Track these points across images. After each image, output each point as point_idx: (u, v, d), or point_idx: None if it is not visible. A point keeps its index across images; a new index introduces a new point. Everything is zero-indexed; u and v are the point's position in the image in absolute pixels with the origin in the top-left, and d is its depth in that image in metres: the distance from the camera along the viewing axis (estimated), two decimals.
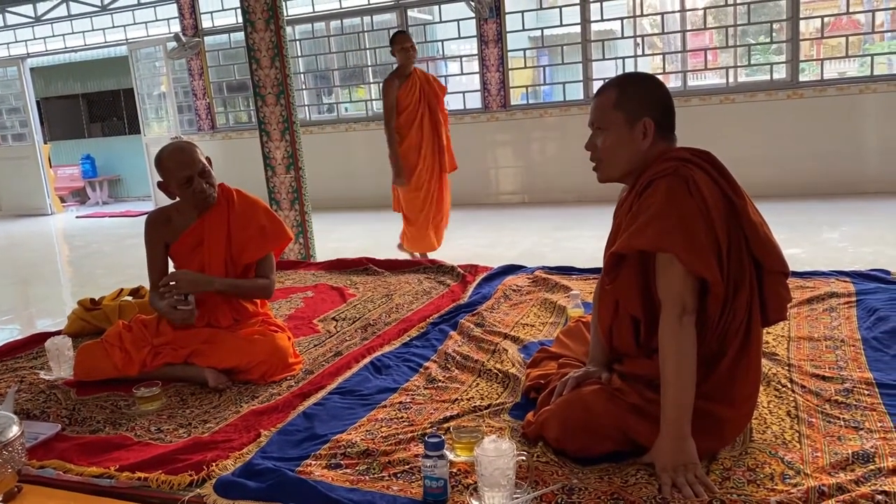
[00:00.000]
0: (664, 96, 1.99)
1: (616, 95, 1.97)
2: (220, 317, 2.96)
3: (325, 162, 8.61)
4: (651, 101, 1.97)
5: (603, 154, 2.01)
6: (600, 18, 7.84)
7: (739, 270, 1.89)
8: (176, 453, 2.16)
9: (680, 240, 1.81)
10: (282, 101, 5.19)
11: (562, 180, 7.87)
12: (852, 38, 7.45)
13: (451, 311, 3.48)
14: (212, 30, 9.67)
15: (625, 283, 1.97)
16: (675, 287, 1.83)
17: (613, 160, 2.01)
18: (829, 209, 6.18)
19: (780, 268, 1.93)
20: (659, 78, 2.07)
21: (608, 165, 2.02)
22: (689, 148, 1.98)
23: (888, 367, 2.45)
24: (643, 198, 1.91)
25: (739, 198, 1.91)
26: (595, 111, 2.02)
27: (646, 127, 1.94)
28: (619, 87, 1.98)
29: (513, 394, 2.46)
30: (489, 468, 1.73)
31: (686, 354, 1.82)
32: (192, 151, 2.85)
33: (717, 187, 1.90)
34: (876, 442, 1.94)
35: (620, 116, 1.96)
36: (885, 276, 3.50)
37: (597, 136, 2.02)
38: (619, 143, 1.98)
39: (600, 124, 2.01)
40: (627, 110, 1.95)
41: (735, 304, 1.89)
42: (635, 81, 2.04)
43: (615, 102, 1.97)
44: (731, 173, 1.95)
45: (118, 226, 9.06)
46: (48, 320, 4.66)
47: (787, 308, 2.03)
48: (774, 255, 1.92)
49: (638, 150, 1.97)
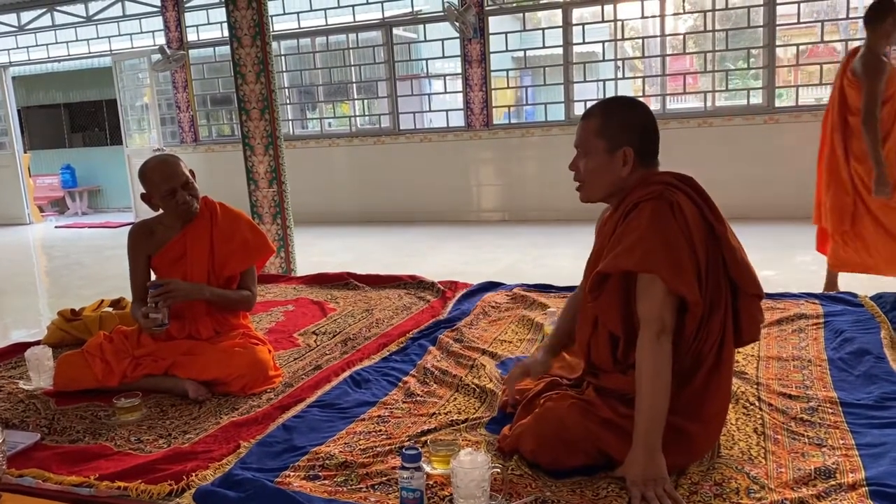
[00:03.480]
0: (647, 123, 2.05)
1: (599, 123, 2.04)
2: (202, 328, 2.98)
3: (308, 176, 8.66)
4: (633, 129, 2.03)
5: (585, 177, 2.09)
6: (582, 41, 7.98)
7: (716, 292, 1.96)
8: (156, 463, 2.18)
9: (664, 261, 1.87)
10: (266, 116, 5.24)
11: (542, 199, 7.98)
12: (828, 65, 7.63)
13: (431, 327, 3.52)
14: (197, 43, 9.71)
15: (606, 302, 2.03)
16: (656, 306, 1.89)
17: (594, 184, 2.09)
18: (803, 232, 6.29)
19: (755, 291, 2.01)
20: (644, 104, 2.14)
21: (589, 188, 2.10)
22: (673, 172, 2.05)
23: (852, 387, 2.53)
24: (628, 220, 1.98)
25: (720, 223, 1.99)
26: (579, 134, 2.09)
27: (626, 155, 2.02)
28: (602, 115, 2.05)
29: (489, 408, 2.51)
30: (465, 480, 1.77)
31: (661, 371, 1.88)
32: (176, 164, 2.88)
33: (699, 211, 1.97)
34: (838, 458, 2.01)
35: (602, 144, 2.03)
36: (853, 300, 3.60)
37: (580, 159, 2.09)
38: (600, 169, 2.05)
39: (583, 149, 2.08)
40: (608, 138, 2.02)
41: (710, 324, 1.96)
42: (619, 109, 2.08)
43: (597, 130, 2.04)
44: (710, 198, 2.03)
45: (98, 237, 9.02)
46: (24, 331, 4.65)
47: (760, 329, 2.11)
48: (750, 278, 2.00)
49: (618, 177, 2.04)
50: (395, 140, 8.70)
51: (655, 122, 2.08)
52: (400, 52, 8.90)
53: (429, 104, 8.90)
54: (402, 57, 9.04)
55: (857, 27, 8.68)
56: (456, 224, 8.06)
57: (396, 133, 8.74)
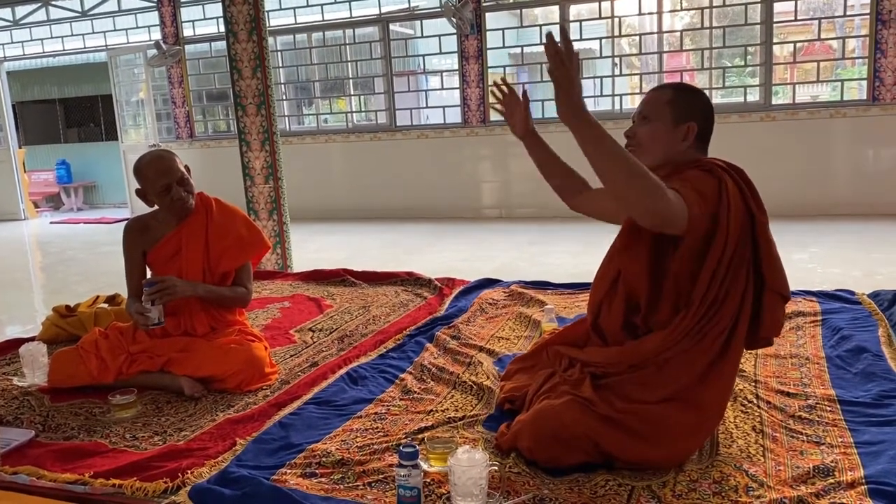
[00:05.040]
0: (710, 110, 2.14)
1: (671, 95, 2.13)
2: (197, 325, 2.97)
3: (305, 173, 8.64)
4: (699, 110, 2.12)
5: (643, 139, 2.13)
6: (579, 38, 7.97)
7: (734, 282, 1.98)
8: (151, 460, 2.17)
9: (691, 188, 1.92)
10: (262, 112, 5.22)
11: (539, 196, 7.88)
12: (824, 63, 7.64)
13: (428, 324, 3.51)
14: (193, 38, 9.67)
15: (634, 257, 2.06)
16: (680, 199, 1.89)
17: (651, 149, 2.12)
18: (799, 230, 6.31)
19: (782, 290, 2.05)
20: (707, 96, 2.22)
21: (644, 152, 2.11)
22: (723, 160, 2.09)
23: (850, 385, 2.53)
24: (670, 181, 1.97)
25: (762, 213, 2.03)
26: (647, 104, 2.15)
27: (689, 130, 2.08)
28: (674, 90, 2.17)
29: (487, 406, 2.50)
30: (462, 478, 1.76)
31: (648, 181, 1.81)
32: (171, 160, 2.87)
33: (743, 199, 2.00)
34: (836, 456, 2.01)
35: (669, 113, 2.10)
36: (850, 297, 3.60)
37: (640, 125, 2.14)
38: (661, 136, 2.11)
39: (649, 115, 2.13)
40: (677, 109, 2.10)
41: (722, 309, 1.98)
42: (690, 90, 2.21)
43: (669, 100, 2.11)
44: (757, 190, 2.05)
45: (93, 232, 8.98)
46: (18, 327, 4.62)
47: (780, 329, 2.12)
48: (780, 275, 2.04)
49: (675, 148, 2.10)
50: (391, 136, 8.68)
51: (714, 113, 2.15)
52: (397, 49, 8.87)
53: (426, 100, 8.88)
54: (399, 53, 9.02)
55: (853, 25, 8.69)
56: (453, 221, 8.04)
57: (393, 129, 8.72)
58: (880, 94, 6.84)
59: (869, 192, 6.98)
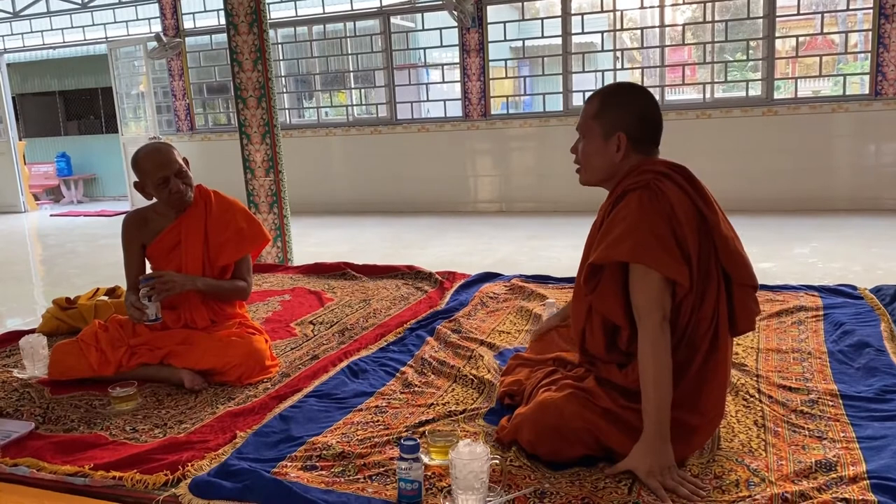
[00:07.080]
0: (645, 111, 2.04)
1: (597, 107, 2.06)
2: (198, 318, 2.96)
3: (305, 166, 8.63)
4: (629, 115, 2.03)
5: (582, 160, 2.13)
6: (581, 31, 7.94)
7: (707, 280, 1.95)
8: (151, 453, 2.16)
9: (656, 250, 1.87)
10: (263, 105, 5.20)
11: (539, 190, 7.96)
12: (826, 57, 7.62)
13: (429, 317, 3.50)
14: (193, 31, 9.64)
15: (606, 292, 2.01)
16: (654, 295, 1.88)
17: (589, 167, 2.11)
18: (801, 225, 6.30)
19: (748, 281, 2.00)
20: (647, 91, 2.12)
21: (586, 170, 2.13)
22: (665, 161, 2.04)
23: (852, 380, 2.52)
24: (616, 210, 1.98)
25: (711, 212, 1.97)
26: (580, 118, 2.12)
27: (619, 140, 2.02)
28: (601, 100, 2.07)
29: (488, 399, 2.50)
30: (463, 471, 1.76)
31: (666, 360, 1.87)
32: (169, 152, 2.85)
33: (689, 200, 1.96)
34: (838, 451, 2.00)
35: (597, 128, 2.05)
36: (852, 292, 3.59)
37: (579, 141, 2.12)
38: (595, 153, 2.07)
39: (581, 131, 2.11)
40: (604, 123, 2.04)
41: (700, 312, 1.95)
42: (618, 95, 2.10)
43: (594, 114, 2.06)
44: (704, 187, 2.01)
45: (93, 225, 8.98)
46: (18, 319, 4.62)
47: (755, 320, 2.09)
48: (744, 268, 1.98)
49: (611, 162, 2.05)
50: (392, 130, 8.67)
51: (657, 110, 2.07)
52: (397, 41, 8.85)
53: (426, 94, 8.85)
54: (400, 46, 9.00)
55: (855, 19, 8.67)
56: (453, 214, 8.03)
57: (393, 123, 8.70)
58: (883, 89, 6.82)
59: (871, 186, 6.97)
